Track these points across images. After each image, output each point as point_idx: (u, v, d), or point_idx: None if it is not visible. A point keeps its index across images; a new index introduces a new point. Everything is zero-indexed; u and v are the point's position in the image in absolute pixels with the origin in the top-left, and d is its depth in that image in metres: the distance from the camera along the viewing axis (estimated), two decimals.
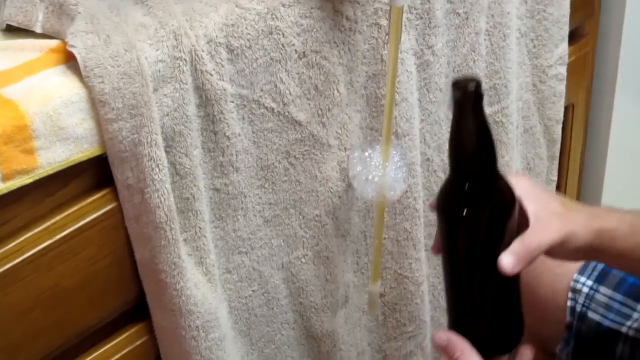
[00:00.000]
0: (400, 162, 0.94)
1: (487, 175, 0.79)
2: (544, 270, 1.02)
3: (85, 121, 0.73)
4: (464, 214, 0.79)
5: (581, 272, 1.02)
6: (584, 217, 0.82)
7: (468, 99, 0.74)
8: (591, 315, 0.99)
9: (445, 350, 0.81)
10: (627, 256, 0.83)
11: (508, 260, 0.77)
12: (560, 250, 0.81)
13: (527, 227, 0.80)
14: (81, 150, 0.73)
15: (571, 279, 1.01)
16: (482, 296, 0.84)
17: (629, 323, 0.97)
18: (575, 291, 1.01)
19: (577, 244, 0.81)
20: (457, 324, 0.85)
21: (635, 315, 0.97)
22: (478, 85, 0.74)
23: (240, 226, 0.89)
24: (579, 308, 1.00)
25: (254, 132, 0.85)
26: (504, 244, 0.79)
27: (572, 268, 1.01)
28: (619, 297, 1.00)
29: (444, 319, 1.20)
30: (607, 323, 0.99)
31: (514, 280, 0.82)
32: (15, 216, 0.73)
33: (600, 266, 1.03)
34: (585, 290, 1.01)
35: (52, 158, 0.72)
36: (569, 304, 1.01)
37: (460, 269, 0.83)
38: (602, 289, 1.00)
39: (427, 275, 1.11)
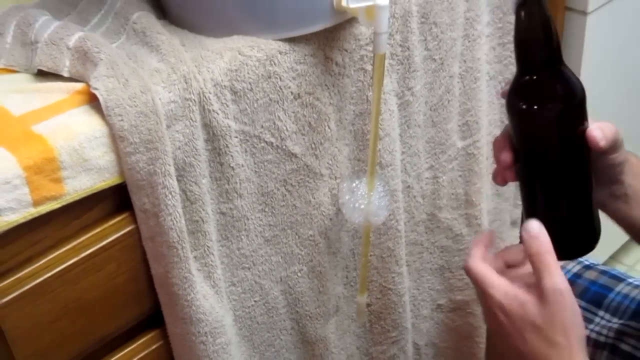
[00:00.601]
0: (383, 192, 0.94)
1: (559, 61, 0.75)
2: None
3: (107, 154, 0.73)
4: (553, 101, 0.75)
5: None
6: None
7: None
8: None
9: (528, 240, 0.76)
10: (637, 200, 0.82)
11: (597, 132, 0.74)
12: (615, 156, 0.79)
13: None
14: (103, 179, 0.74)
15: None
16: (569, 191, 0.81)
17: (591, 326, 0.97)
18: None
19: (620, 158, 0.80)
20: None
21: (597, 320, 0.98)
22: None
23: (244, 245, 0.89)
24: None
25: (255, 163, 0.85)
26: (582, 129, 0.76)
27: None
28: (583, 303, 0.99)
29: (423, 325, 1.19)
30: None
31: (590, 182, 0.79)
32: (45, 236, 0.73)
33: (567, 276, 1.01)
34: None
35: (78, 186, 0.72)
36: None
37: (548, 162, 0.79)
38: None
39: (408, 287, 1.10)
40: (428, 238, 1.13)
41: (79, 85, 0.74)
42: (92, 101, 0.73)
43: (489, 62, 1.09)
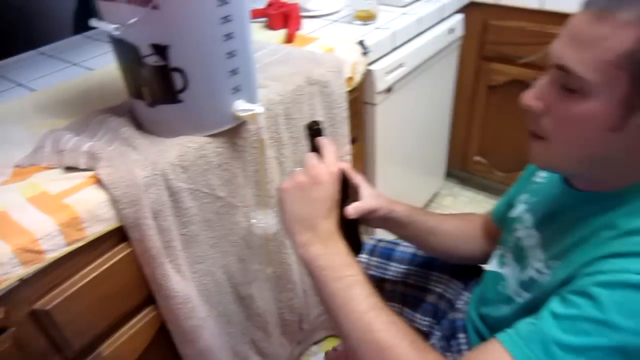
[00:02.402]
0: (272, 214, 0.94)
1: None
2: None
3: (110, 210, 0.70)
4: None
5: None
6: (387, 201, 0.79)
7: (315, 130, 0.71)
8: (371, 271, 0.95)
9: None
10: (403, 226, 0.80)
11: (351, 211, 0.72)
12: (374, 215, 0.77)
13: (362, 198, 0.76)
14: (109, 225, 0.71)
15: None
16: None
17: (389, 273, 0.94)
18: (362, 262, 0.96)
19: (381, 213, 0.77)
20: None
21: (391, 267, 0.94)
22: (318, 123, 0.70)
23: (197, 250, 0.86)
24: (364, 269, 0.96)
25: (199, 204, 0.83)
26: (349, 202, 0.74)
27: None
28: (380, 260, 0.96)
29: (307, 279, 1.18)
30: (379, 274, 0.95)
31: (356, 220, 0.76)
32: (77, 262, 0.70)
33: (369, 246, 0.98)
34: (364, 260, 0.97)
35: (94, 230, 0.69)
36: None
37: None
38: (373, 259, 0.97)
39: (295, 260, 1.10)
40: None
41: (90, 173, 0.71)
42: (99, 182, 0.70)
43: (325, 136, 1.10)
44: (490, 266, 0.78)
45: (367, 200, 0.76)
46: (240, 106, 0.78)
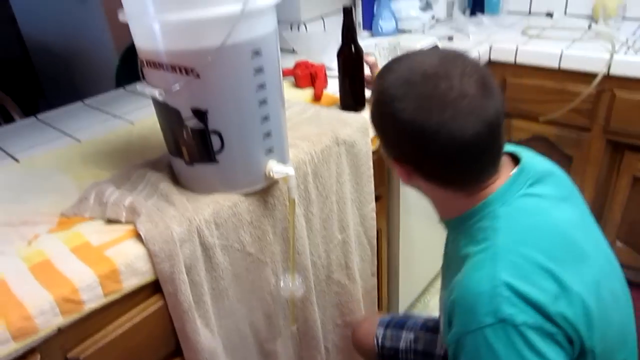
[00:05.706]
0: (299, 278, 0.96)
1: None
2: (366, 330, 1.06)
3: (147, 264, 0.72)
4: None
5: (380, 325, 1.05)
6: None
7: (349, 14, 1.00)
8: (387, 344, 1.01)
9: None
10: None
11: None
12: None
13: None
14: (145, 278, 0.72)
15: (375, 331, 1.04)
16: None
17: (401, 342, 1.01)
18: (377, 336, 1.03)
19: None
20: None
21: (403, 335, 1.01)
22: (351, 10, 1.00)
23: (226, 305, 0.86)
24: (379, 342, 1.02)
25: (230, 260, 0.84)
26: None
27: (374, 329, 1.05)
28: (393, 331, 1.03)
29: (329, 336, 1.16)
30: (392, 345, 1.01)
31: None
32: (111, 312, 0.71)
33: (385, 320, 1.05)
34: (380, 333, 1.03)
35: (130, 284, 0.70)
36: (375, 342, 1.03)
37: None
38: (388, 331, 1.03)
39: (318, 316, 1.08)
40: (328, 288, 1.12)
41: (130, 227, 0.74)
42: (138, 236, 0.72)
43: (351, 192, 1.12)
44: None
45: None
46: (273, 167, 0.81)
